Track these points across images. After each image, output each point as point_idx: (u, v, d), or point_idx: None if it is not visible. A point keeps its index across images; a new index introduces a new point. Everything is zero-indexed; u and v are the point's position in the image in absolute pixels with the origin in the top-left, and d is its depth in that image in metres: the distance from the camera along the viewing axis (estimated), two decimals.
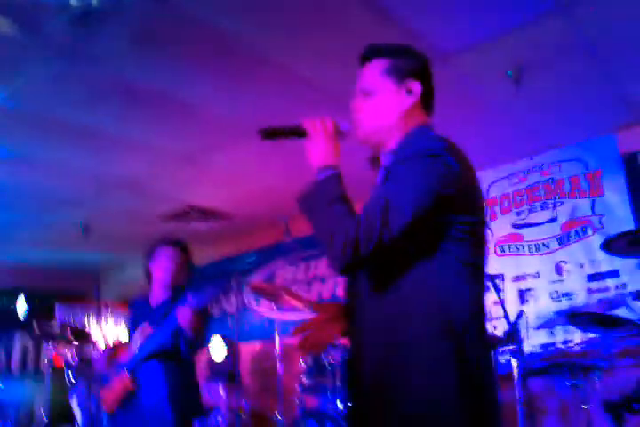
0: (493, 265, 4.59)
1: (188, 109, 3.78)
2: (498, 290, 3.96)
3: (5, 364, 5.03)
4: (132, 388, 2.83)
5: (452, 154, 1.47)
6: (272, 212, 5.16)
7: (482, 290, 1.52)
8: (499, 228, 4.85)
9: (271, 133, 1.61)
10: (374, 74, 1.63)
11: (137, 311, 3.15)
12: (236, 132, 4.07)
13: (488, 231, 1.60)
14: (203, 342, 3.01)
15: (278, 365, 4.33)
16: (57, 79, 3.36)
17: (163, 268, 3.08)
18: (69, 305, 5.64)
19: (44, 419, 4.15)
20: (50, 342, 4.39)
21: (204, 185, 5.14)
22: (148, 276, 3.15)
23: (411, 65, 1.65)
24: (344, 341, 1.65)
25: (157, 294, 3.10)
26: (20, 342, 5.16)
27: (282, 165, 4.53)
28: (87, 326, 5.34)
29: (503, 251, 4.78)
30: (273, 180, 4.91)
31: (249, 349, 5.78)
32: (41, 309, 5.65)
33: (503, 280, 4.58)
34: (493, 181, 4.99)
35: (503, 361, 3.56)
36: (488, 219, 4.88)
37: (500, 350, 3.58)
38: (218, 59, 3.27)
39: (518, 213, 4.81)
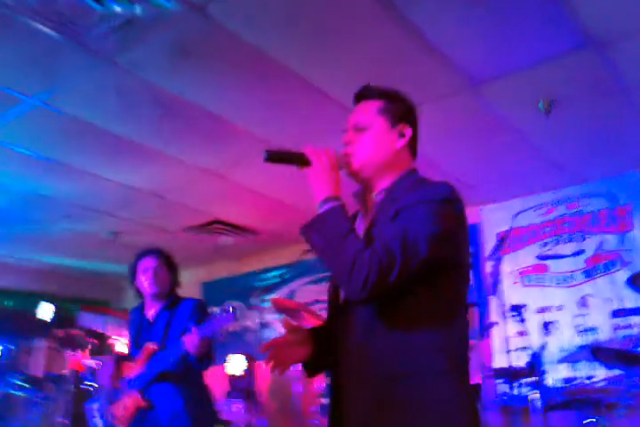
0: (517, 295, 4.55)
1: (219, 123, 3.83)
2: (521, 320, 3.93)
3: (26, 368, 5.07)
4: (146, 406, 2.84)
5: (459, 199, 1.57)
6: (297, 229, 5.15)
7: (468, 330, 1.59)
8: (523, 258, 4.82)
9: (276, 157, 1.62)
10: (370, 111, 1.69)
11: (135, 322, 3.16)
12: (265, 147, 4.10)
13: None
14: (210, 363, 3.00)
15: (296, 385, 4.32)
16: (96, 87, 3.43)
17: (145, 279, 3.09)
18: (92, 313, 5.70)
19: (64, 424, 4.17)
20: (71, 349, 4.42)
21: (231, 199, 5.18)
22: (138, 292, 3.16)
23: (404, 110, 1.72)
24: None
25: (150, 306, 3.10)
26: (40, 347, 5.22)
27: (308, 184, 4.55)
28: (108, 334, 5.37)
29: (528, 281, 4.74)
30: (299, 197, 4.93)
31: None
32: (64, 315, 5.71)
33: (526, 311, 4.53)
34: (520, 211, 4.96)
35: (524, 394, 3.52)
36: (513, 248, 4.85)
37: (521, 382, 3.53)
38: (252, 74, 3.33)
39: (544, 245, 4.78)
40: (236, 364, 5.36)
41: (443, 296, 1.51)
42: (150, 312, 3.08)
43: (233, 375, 5.36)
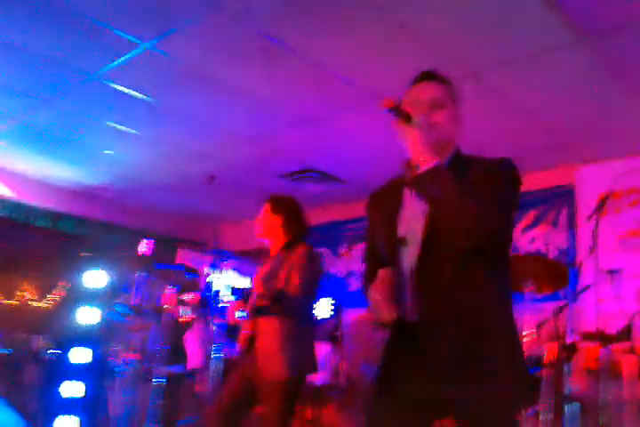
0: (614, 259, 4.43)
1: (320, 71, 3.86)
2: (616, 285, 3.85)
3: (128, 298, 5.42)
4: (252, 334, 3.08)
5: None
6: (386, 180, 5.16)
7: None
8: (622, 221, 4.66)
9: (394, 107, 1.67)
10: (445, 93, 1.85)
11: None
12: (364, 97, 4.12)
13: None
14: (313, 296, 3.20)
15: (379, 332, 4.42)
16: (204, 32, 3.51)
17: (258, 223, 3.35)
18: (191, 251, 5.98)
19: (160, 356, 4.48)
20: (169, 283, 4.69)
21: (325, 148, 5.23)
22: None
23: (459, 100, 1.91)
24: None
25: (272, 247, 3.34)
26: (141, 280, 5.54)
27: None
28: (206, 272, 5.65)
29: (624, 246, 4.60)
30: (391, 150, 4.90)
31: (353, 314, 5.89)
32: (163, 251, 6.02)
33: (622, 276, 4.41)
34: (621, 173, 4.76)
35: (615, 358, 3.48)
36: (612, 211, 4.69)
37: (614, 347, 3.49)
38: (359, 24, 3.32)
39: None
40: (323, 307, 5.54)
41: (507, 264, 1.78)
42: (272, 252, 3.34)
43: (320, 318, 5.55)
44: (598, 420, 3.48)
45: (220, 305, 4.78)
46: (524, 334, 3.59)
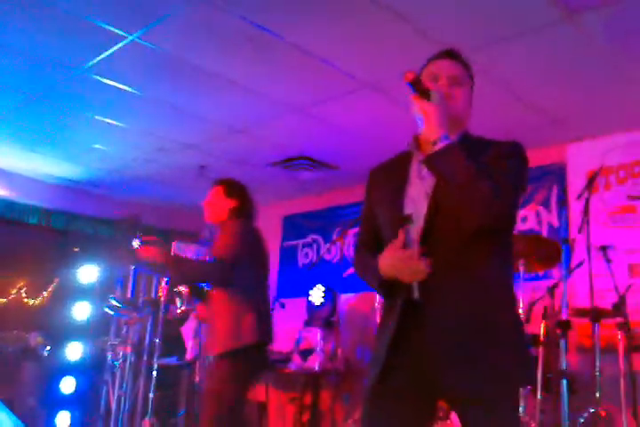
0: (605, 235, 4.47)
1: (308, 60, 3.83)
2: (607, 261, 3.88)
3: (123, 291, 5.43)
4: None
5: None
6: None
7: None
8: (612, 198, 4.69)
9: (415, 80, 1.67)
10: (464, 73, 1.88)
11: None
12: (352, 84, 4.11)
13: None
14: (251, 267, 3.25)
15: (375, 316, 4.45)
16: (189, 23, 3.48)
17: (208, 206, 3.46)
18: (186, 243, 5.97)
19: (159, 347, 4.49)
20: (165, 277, 4.68)
21: (315, 135, 5.22)
22: None
23: (473, 81, 1.95)
24: None
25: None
26: (135, 275, 5.55)
27: (392, 119, 4.54)
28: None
29: (616, 222, 4.63)
30: (382, 133, 4.92)
31: (348, 299, 5.93)
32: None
33: (613, 252, 4.44)
34: (610, 149, 4.78)
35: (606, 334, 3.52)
36: (603, 188, 4.72)
37: (606, 322, 3.53)
38: (347, 10, 3.28)
39: (634, 184, 4.62)
40: (316, 294, 5.56)
41: (510, 243, 1.82)
42: None
43: (313, 305, 5.58)
44: (593, 396, 3.53)
45: None
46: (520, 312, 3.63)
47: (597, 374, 3.52)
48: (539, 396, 3.56)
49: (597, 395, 3.52)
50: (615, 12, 3.19)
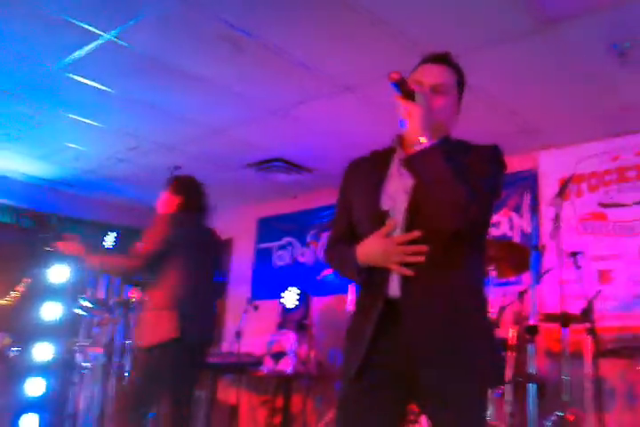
0: (575, 242, 4.53)
1: (285, 62, 3.83)
2: (577, 267, 3.93)
3: (93, 291, 5.37)
4: None
5: None
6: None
7: None
8: (583, 205, 4.76)
9: (400, 81, 1.67)
10: (451, 79, 1.88)
11: None
12: (329, 86, 4.12)
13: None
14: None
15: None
16: (166, 22, 3.45)
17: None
18: None
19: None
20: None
21: (292, 137, 5.22)
22: None
23: (464, 88, 1.95)
24: None
25: None
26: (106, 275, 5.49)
27: (369, 122, 4.57)
28: None
29: (585, 229, 4.70)
30: (358, 137, 4.93)
31: (321, 302, 5.92)
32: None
33: (583, 258, 4.51)
34: (583, 157, 4.86)
35: (575, 340, 3.57)
36: (574, 195, 4.78)
37: (574, 327, 3.58)
38: (324, 12, 3.29)
39: (606, 193, 4.69)
40: (289, 297, 5.56)
41: (483, 247, 1.85)
42: None
43: (286, 308, 5.56)
44: (560, 400, 3.57)
45: None
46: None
47: (565, 378, 3.56)
48: (508, 399, 3.60)
49: (565, 399, 3.56)
50: (592, 22, 3.25)
